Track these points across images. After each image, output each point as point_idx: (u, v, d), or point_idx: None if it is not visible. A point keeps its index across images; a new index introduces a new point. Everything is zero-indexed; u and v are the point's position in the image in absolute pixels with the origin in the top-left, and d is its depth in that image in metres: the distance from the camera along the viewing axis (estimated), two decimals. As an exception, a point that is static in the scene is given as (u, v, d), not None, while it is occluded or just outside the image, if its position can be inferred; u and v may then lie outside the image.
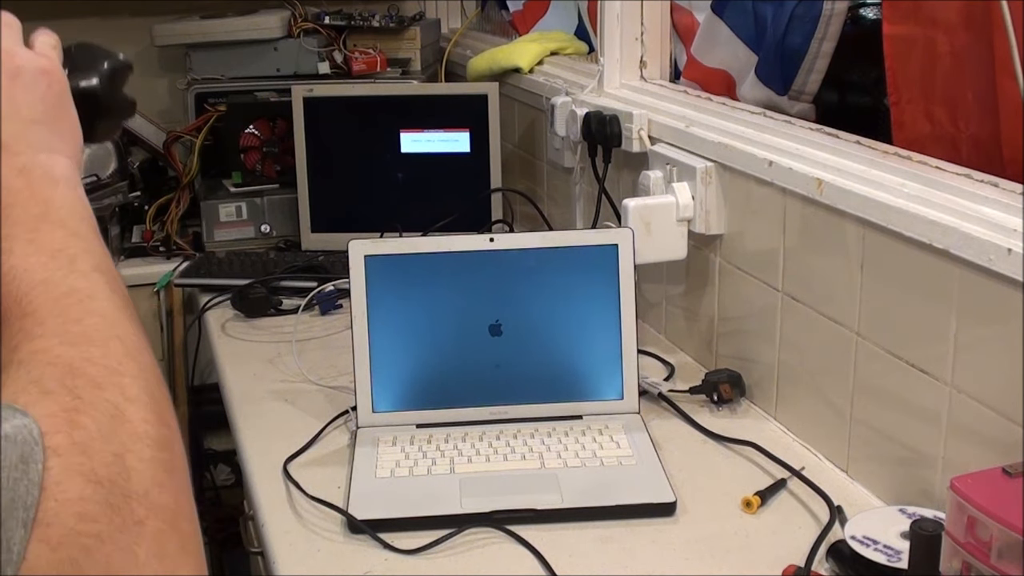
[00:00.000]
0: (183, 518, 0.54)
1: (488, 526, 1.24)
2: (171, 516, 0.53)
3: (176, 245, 2.36)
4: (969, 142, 1.34)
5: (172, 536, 0.53)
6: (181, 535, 0.54)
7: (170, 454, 0.56)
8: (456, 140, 2.25)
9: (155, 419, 0.56)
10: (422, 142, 2.26)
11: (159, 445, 0.55)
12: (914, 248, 1.18)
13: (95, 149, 2.54)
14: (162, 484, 0.54)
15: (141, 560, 0.51)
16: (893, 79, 1.42)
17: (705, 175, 1.57)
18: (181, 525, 0.54)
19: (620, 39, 1.91)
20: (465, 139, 2.24)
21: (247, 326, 1.94)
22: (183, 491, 0.55)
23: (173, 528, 0.53)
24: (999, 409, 1.10)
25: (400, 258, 1.47)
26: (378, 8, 2.55)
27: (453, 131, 2.24)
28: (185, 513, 0.55)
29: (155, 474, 0.54)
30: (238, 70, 2.48)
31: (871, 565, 1.11)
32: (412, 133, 2.25)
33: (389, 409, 1.46)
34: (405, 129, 2.25)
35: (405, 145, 2.25)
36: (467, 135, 2.24)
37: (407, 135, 2.25)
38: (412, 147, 2.26)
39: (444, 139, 2.25)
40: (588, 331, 1.48)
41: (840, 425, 1.36)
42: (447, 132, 2.25)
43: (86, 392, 0.54)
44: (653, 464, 1.35)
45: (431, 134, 2.25)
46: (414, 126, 2.25)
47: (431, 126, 2.25)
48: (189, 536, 0.54)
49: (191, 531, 0.55)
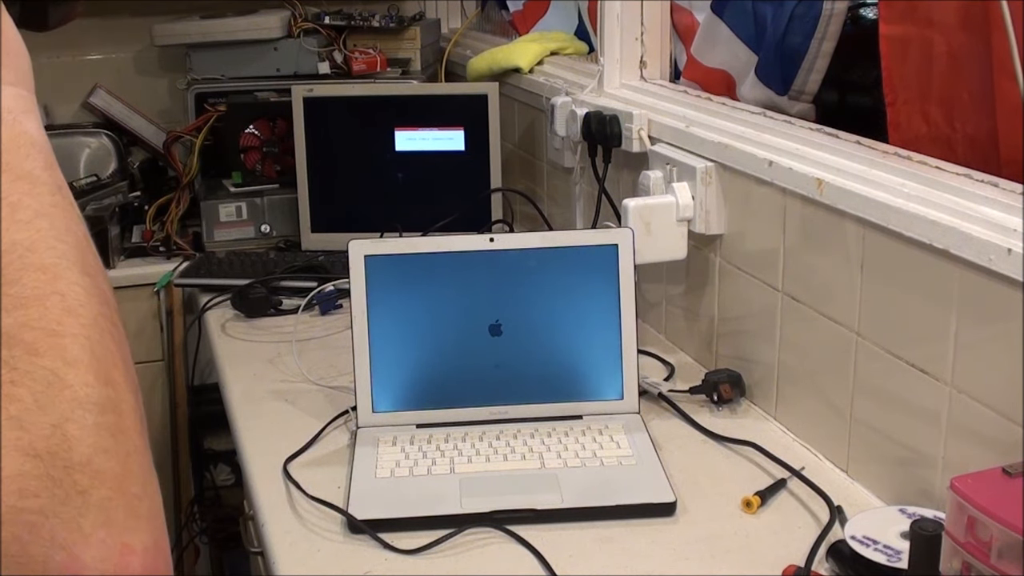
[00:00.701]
0: (133, 481, 0.52)
1: (488, 526, 1.24)
2: (117, 482, 0.52)
3: (176, 245, 2.36)
4: (965, 142, 1.34)
5: (119, 502, 0.51)
6: (129, 499, 0.52)
7: (115, 416, 0.54)
8: (451, 138, 2.25)
9: (97, 380, 0.54)
10: (416, 140, 2.26)
11: (102, 408, 0.53)
12: (914, 248, 1.18)
13: (95, 149, 2.55)
14: (107, 450, 0.52)
15: (87, 531, 0.50)
16: (889, 79, 1.42)
17: (705, 175, 1.57)
18: (130, 489, 0.52)
19: (620, 39, 1.91)
20: (460, 137, 2.24)
21: (247, 326, 1.94)
22: (133, 453, 0.53)
23: (120, 493, 0.52)
24: (999, 409, 1.10)
25: (400, 258, 1.47)
26: (378, 8, 2.55)
27: (448, 129, 2.24)
28: (135, 475, 0.53)
29: (98, 440, 0.52)
30: (238, 70, 2.48)
31: (871, 565, 1.11)
32: (407, 131, 2.25)
33: (389, 409, 1.46)
34: (400, 127, 2.25)
35: (400, 143, 2.26)
36: (462, 133, 2.24)
37: (402, 133, 2.25)
38: (407, 145, 2.26)
39: (439, 137, 2.25)
40: (588, 331, 1.48)
41: (840, 425, 1.36)
42: (441, 130, 2.25)
43: (22, 362, 0.52)
44: (653, 464, 1.35)
45: (425, 132, 2.25)
46: (409, 124, 2.25)
47: (427, 125, 2.25)
48: (139, 499, 0.53)
49: (142, 493, 0.53)
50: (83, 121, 2.68)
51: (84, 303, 0.57)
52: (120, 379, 0.56)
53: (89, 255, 0.60)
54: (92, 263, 0.60)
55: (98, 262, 0.60)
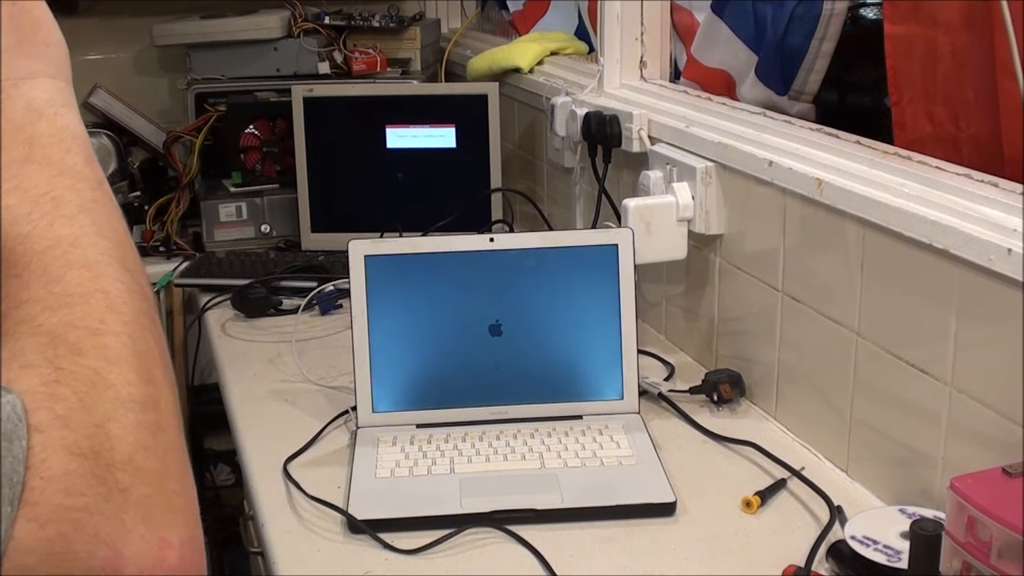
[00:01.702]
0: (171, 478, 0.54)
1: (488, 526, 1.24)
2: (157, 479, 0.53)
3: (176, 245, 2.36)
4: (970, 142, 1.34)
5: (158, 498, 0.53)
6: (168, 495, 0.54)
7: (156, 414, 0.55)
8: (442, 135, 2.25)
9: (139, 379, 0.55)
10: (407, 137, 2.25)
11: (143, 407, 0.54)
12: (914, 248, 1.18)
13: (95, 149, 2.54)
14: (147, 447, 0.53)
15: (128, 526, 0.51)
16: (894, 79, 1.42)
17: (705, 175, 1.57)
18: (168, 486, 0.54)
19: (620, 39, 1.91)
20: (451, 135, 2.24)
21: (247, 326, 1.94)
22: (171, 450, 0.55)
23: (159, 490, 0.53)
24: (999, 409, 1.10)
25: (400, 258, 1.47)
26: (378, 8, 2.54)
27: (439, 127, 2.24)
28: (173, 472, 0.55)
29: (139, 438, 0.53)
30: (238, 70, 2.48)
31: (871, 565, 1.11)
32: (397, 129, 2.25)
33: (389, 409, 1.46)
34: (391, 124, 2.25)
35: (391, 140, 2.26)
36: (453, 131, 2.24)
37: (392, 131, 2.25)
38: (397, 142, 2.26)
39: (430, 135, 2.25)
40: (588, 331, 1.48)
41: (840, 425, 1.36)
42: (432, 127, 2.24)
43: (66, 361, 0.53)
44: (653, 464, 1.35)
45: (417, 129, 2.25)
46: (400, 122, 2.25)
47: (418, 122, 2.25)
48: (177, 495, 0.54)
49: (179, 489, 0.55)
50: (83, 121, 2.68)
51: (126, 300, 0.58)
52: (160, 376, 0.57)
53: (129, 251, 0.61)
54: (132, 259, 0.60)
55: (137, 258, 0.61)
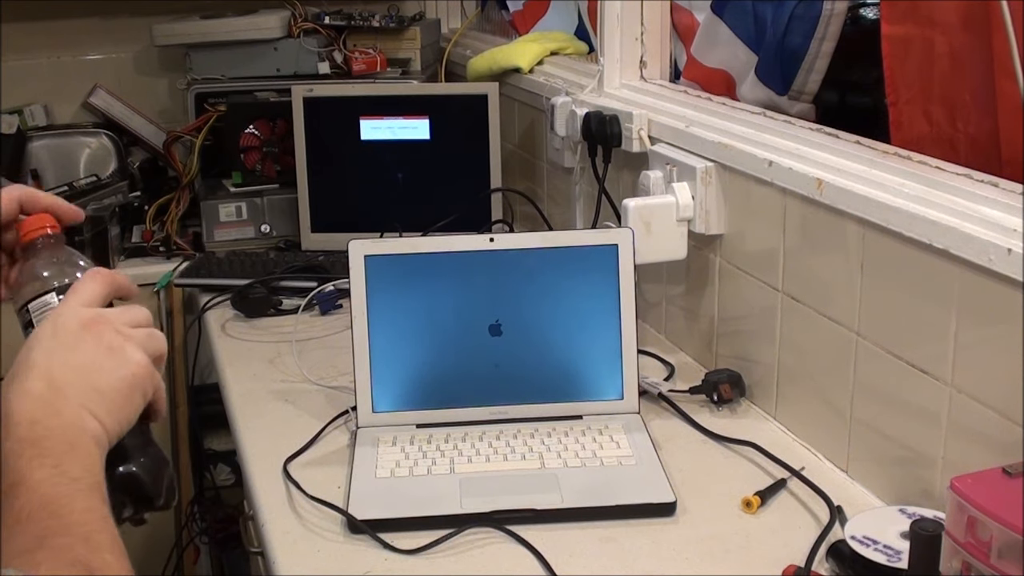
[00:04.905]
0: None
1: (488, 526, 1.24)
2: None
3: (176, 245, 2.36)
4: (967, 142, 1.34)
5: None
6: None
7: None
8: (415, 127, 2.24)
9: None
10: (382, 129, 2.25)
11: None
12: (914, 248, 1.18)
13: (95, 149, 2.55)
14: None
15: None
16: (891, 79, 1.42)
17: (705, 175, 1.57)
18: None
19: (620, 39, 1.91)
20: (424, 126, 2.24)
21: (247, 326, 1.94)
22: None
23: None
24: (999, 409, 1.10)
25: (400, 258, 1.47)
26: (378, 8, 2.55)
27: (412, 118, 2.25)
28: None
29: None
30: (238, 70, 2.48)
31: (871, 565, 1.11)
32: (372, 120, 2.25)
33: (389, 409, 1.46)
34: (364, 116, 2.25)
35: (365, 132, 2.26)
36: (426, 122, 2.24)
37: (366, 122, 2.25)
38: (372, 135, 2.25)
39: (404, 126, 2.25)
40: (588, 331, 1.48)
41: (840, 425, 1.36)
42: (406, 119, 2.25)
43: None
44: (653, 464, 1.35)
45: (391, 121, 2.25)
46: (373, 113, 2.26)
47: (391, 114, 2.26)
48: None
49: None
50: (83, 121, 2.68)
51: None
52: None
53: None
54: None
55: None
